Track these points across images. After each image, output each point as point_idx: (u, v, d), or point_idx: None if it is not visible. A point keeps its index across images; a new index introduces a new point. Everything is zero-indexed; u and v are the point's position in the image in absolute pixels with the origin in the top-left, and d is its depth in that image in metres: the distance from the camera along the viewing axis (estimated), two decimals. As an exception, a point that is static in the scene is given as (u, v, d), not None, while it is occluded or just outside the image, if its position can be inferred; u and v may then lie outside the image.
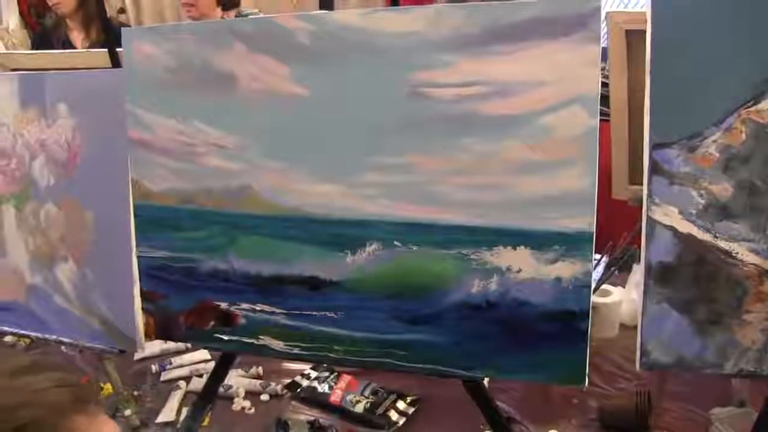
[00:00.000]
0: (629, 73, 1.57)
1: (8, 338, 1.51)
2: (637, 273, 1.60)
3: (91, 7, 2.56)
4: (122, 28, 1.13)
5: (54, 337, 1.29)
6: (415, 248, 1.00)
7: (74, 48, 2.60)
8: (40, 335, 1.31)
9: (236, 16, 2.52)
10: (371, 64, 0.97)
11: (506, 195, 0.95)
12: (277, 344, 1.11)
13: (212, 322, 1.14)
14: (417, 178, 0.98)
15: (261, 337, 1.12)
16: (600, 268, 1.63)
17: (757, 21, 0.88)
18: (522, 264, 0.96)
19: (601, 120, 0.91)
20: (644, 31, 0.93)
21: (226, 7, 2.54)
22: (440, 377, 1.05)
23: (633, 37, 1.50)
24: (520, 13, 0.89)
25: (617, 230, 1.61)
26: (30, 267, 1.29)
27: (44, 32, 2.84)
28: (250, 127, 1.05)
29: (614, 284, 1.61)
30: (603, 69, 1.59)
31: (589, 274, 0.94)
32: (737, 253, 0.93)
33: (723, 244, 0.93)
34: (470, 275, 0.99)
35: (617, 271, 1.64)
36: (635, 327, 1.56)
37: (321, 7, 1.05)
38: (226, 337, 1.14)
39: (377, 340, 1.05)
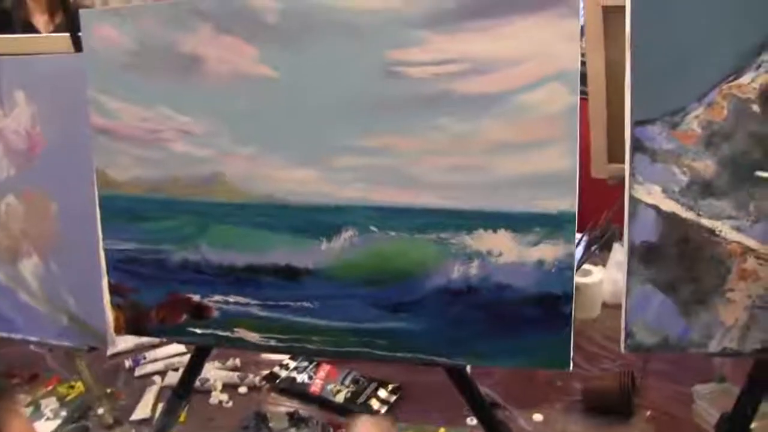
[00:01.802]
0: (607, 50, 1.54)
1: (-30, 338, 1.46)
2: (618, 252, 1.60)
3: None
4: (80, 10, 1.07)
5: (20, 336, 1.24)
6: (392, 233, 0.97)
7: (37, 32, 2.50)
8: (5, 334, 1.26)
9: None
10: (343, 43, 0.94)
11: (485, 176, 0.92)
12: (253, 336, 1.08)
13: (185, 316, 1.10)
14: (393, 160, 0.95)
15: (236, 329, 1.08)
16: (580, 248, 1.61)
17: (737, -6, 0.86)
18: (503, 247, 0.94)
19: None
20: (621, 7, 0.90)
21: None
22: (422, 365, 1.03)
23: (610, 14, 1.48)
24: (496, -13, 0.86)
25: (596, 209, 1.60)
26: (-8, 263, 1.24)
27: (3, 14, 2.72)
28: (219, 112, 1.01)
29: (595, 263, 1.59)
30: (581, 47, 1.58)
31: (572, 256, 0.92)
32: (720, 230, 0.91)
33: (706, 222, 0.91)
34: (450, 260, 0.96)
35: (597, 251, 1.63)
36: (617, 306, 1.56)
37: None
38: (199, 331, 1.10)
39: (356, 329, 1.02)
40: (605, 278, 1.56)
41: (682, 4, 0.87)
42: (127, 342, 1.48)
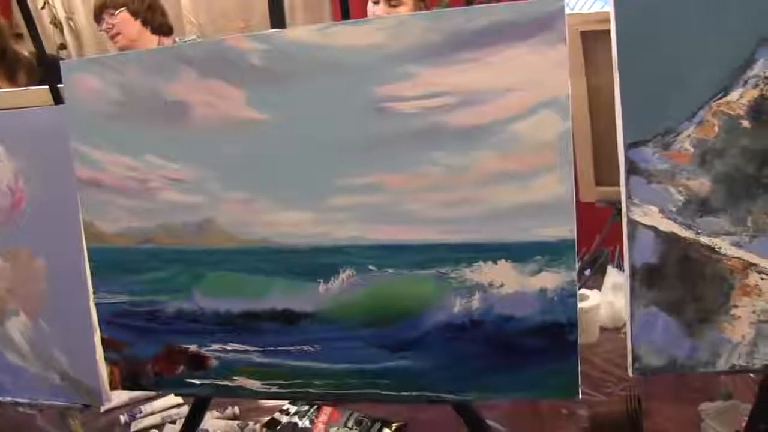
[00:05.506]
0: (587, 74, 1.56)
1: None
2: (613, 275, 1.60)
3: (11, 54, 2.38)
4: (61, 61, 1.06)
5: (9, 398, 1.20)
6: (391, 271, 0.96)
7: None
8: (-8, 398, 1.22)
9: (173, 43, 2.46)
10: (331, 81, 0.93)
11: (482, 208, 0.91)
12: (254, 384, 1.05)
13: (182, 367, 1.07)
14: (388, 197, 0.94)
15: (235, 378, 1.05)
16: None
17: (721, 13, 0.86)
18: (504, 278, 0.92)
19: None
20: (598, 32, 0.91)
21: (157, 32, 2.47)
22: (428, 403, 1.01)
23: (588, 39, 1.50)
24: (483, 17, 0.86)
25: (586, 232, 1.60)
26: (-23, 325, 1.20)
27: None
28: (207, 158, 0.99)
29: (589, 288, 1.59)
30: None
31: (573, 283, 0.91)
32: (720, 247, 0.91)
33: (705, 240, 0.91)
34: (451, 294, 0.94)
35: (591, 275, 1.62)
36: (615, 329, 1.56)
37: (273, 27, 1.00)
38: (198, 381, 1.07)
39: (359, 370, 1.00)
40: (602, 302, 1.55)
41: (667, 26, 0.88)
42: (121, 396, 1.44)
